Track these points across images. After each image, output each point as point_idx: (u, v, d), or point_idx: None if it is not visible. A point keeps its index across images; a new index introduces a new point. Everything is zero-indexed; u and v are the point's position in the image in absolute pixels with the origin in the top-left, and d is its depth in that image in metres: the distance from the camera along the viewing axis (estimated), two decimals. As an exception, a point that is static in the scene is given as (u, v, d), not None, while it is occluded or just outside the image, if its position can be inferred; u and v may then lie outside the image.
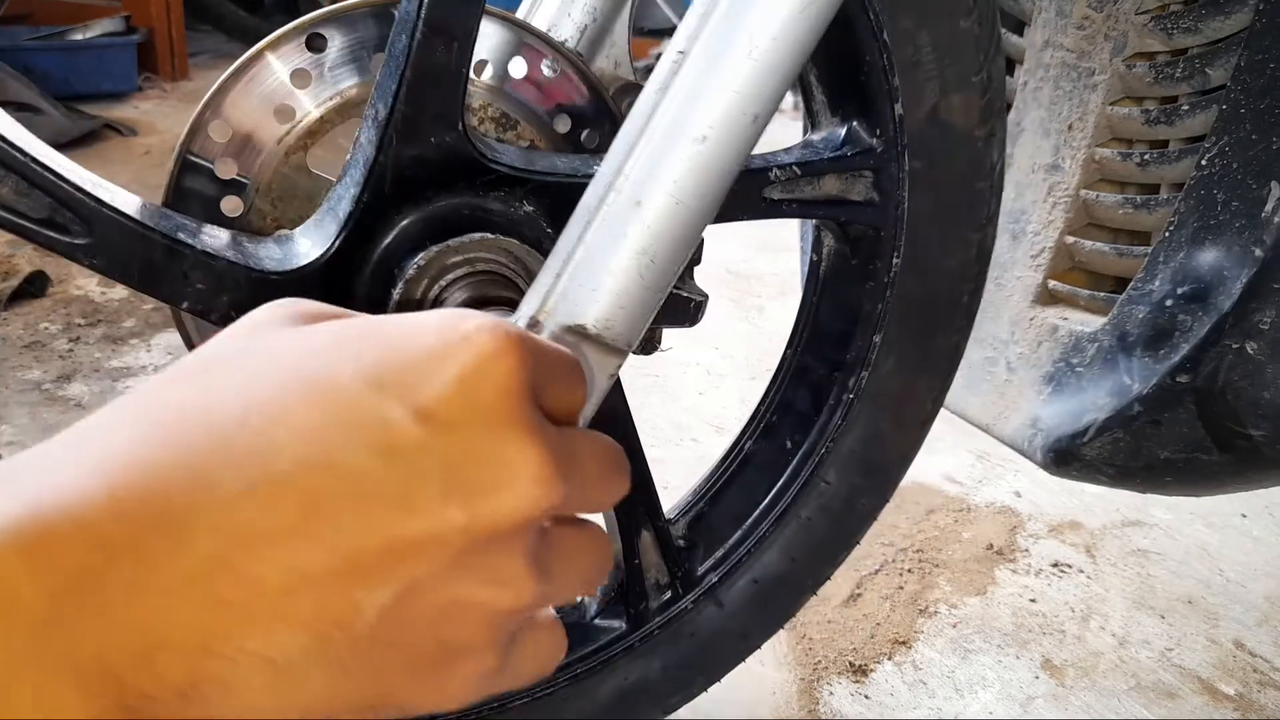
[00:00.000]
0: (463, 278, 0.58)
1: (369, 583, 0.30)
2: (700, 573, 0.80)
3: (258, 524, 0.29)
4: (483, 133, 0.66)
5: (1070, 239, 0.90)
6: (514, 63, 0.67)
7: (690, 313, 0.69)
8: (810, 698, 1.09)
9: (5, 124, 0.52)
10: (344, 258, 0.58)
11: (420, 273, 0.57)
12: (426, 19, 0.54)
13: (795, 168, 0.67)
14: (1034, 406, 0.87)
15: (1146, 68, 0.84)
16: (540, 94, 0.68)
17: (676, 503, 0.83)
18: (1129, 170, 0.86)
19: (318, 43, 0.61)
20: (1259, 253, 0.70)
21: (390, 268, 0.58)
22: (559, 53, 0.68)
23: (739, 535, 0.80)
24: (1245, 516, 1.49)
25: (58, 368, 1.65)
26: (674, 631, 0.79)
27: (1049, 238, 0.91)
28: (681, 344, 1.84)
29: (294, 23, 0.61)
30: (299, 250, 0.59)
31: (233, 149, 0.61)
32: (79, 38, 3.26)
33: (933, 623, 1.22)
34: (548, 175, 0.61)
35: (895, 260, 0.72)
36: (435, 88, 0.56)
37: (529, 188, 0.61)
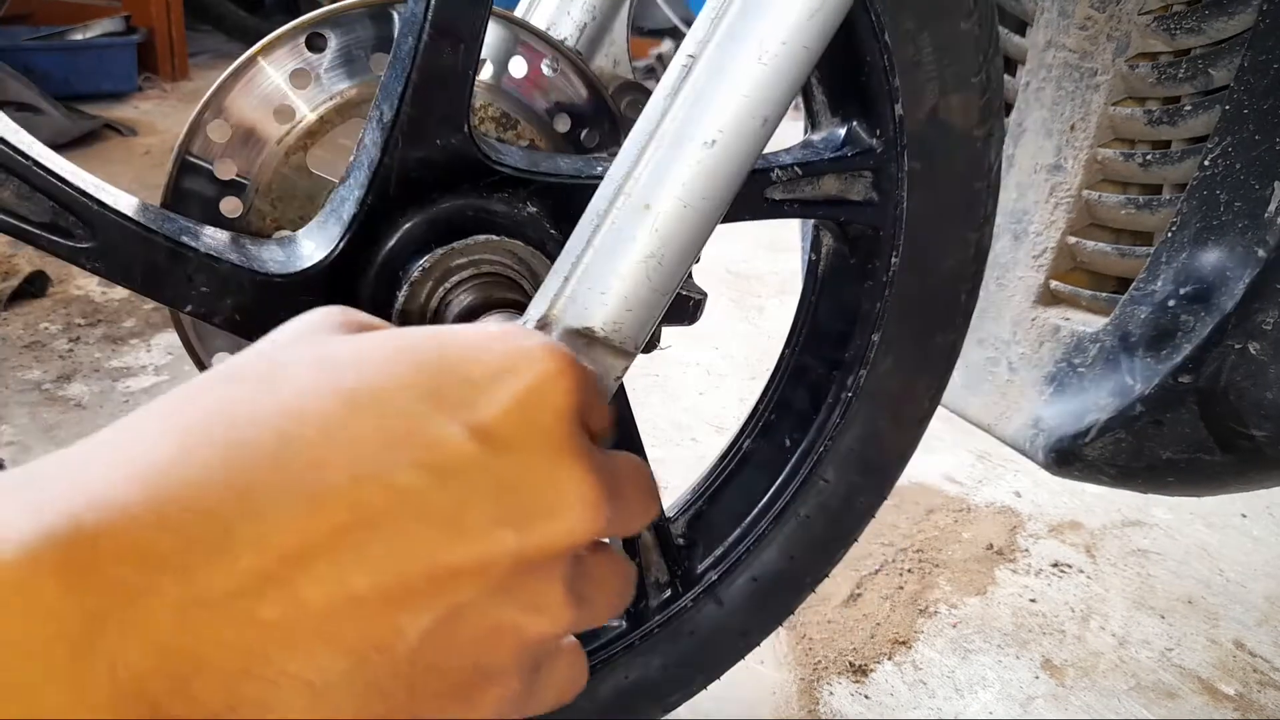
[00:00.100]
0: (467, 280, 0.57)
1: (414, 606, 0.29)
2: (700, 571, 0.80)
3: (304, 540, 0.28)
4: (482, 132, 0.66)
5: (1072, 239, 0.90)
6: (514, 62, 0.67)
7: (689, 311, 0.69)
8: (810, 698, 1.09)
9: (6, 128, 0.52)
10: (348, 260, 0.58)
11: (425, 275, 0.57)
12: (433, 21, 0.54)
13: (796, 168, 0.67)
14: (1036, 407, 0.87)
15: (1149, 68, 0.83)
16: (540, 93, 0.68)
17: (675, 501, 0.84)
18: (1131, 171, 0.86)
19: (317, 43, 0.61)
20: (1262, 253, 0.70)
21: (395, 270, 0.58)
22: (558, 52, 0.68)
23: (738, 533, 0.80)
24: (1245, 516, 1.49)
25: (58, 368, 1.65)
26: (673, 630, 0.80)
27: (1051, 238, 0.91)
28: (681, 344, 1.84)
29: (293, 23, 0.61)
30: (303, 252, 0.59)
31: (232, 149, 0.61)
32: (79, 38, 3.26)
33: (933, 623, 1.22)
34: (551, 176, 0.61)
35: (894, 259, 0.72)
36: (442, 90, 0.56)
37: (533, 189, 0.61)
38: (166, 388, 1.62)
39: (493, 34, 0.66)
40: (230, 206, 0.62)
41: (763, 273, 2.31)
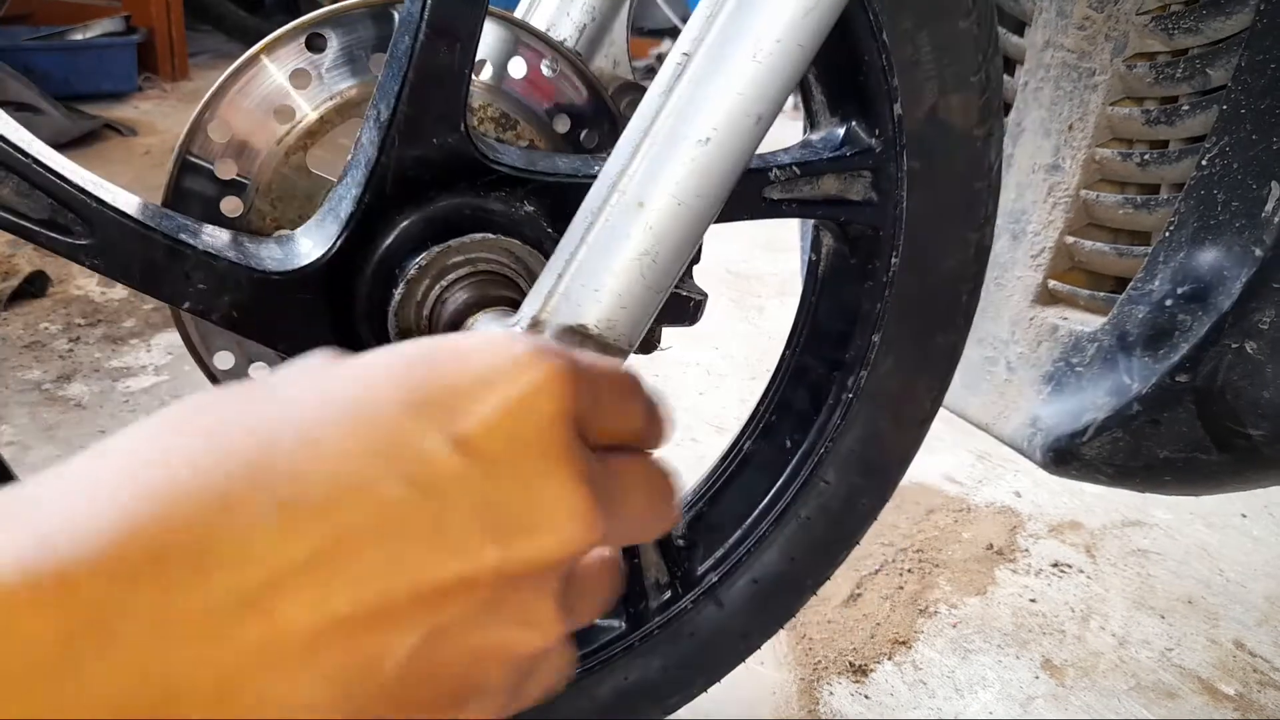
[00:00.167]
0: (464, 278, 0.58)
1: (398, 626, 0.29)
2: (700, 572, 0.80)
3: (286, 558, 0.27)
4: (482, 132, 0.66)
5: (1070, 239, 0.90)
6: (513, 62, 0.67)
7: (690, 312, 0.69)
8: (810, 698, 1.09)
9: (6, 125, 0.52)
10: (345, 258, 0.58)
11: (421, 273, 0.57)
12: (430, 20, 0.54)
13: (794, 167, 0.67)
14: (1034, 406, 0.87)
15: (1147, 68, 0.84)
16: (539, 94, 0.68)
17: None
18: (1129, 170, 0.86)
19: (317, 43, 0.61)
20: (1259, 252, 0.70)
21: (392, 268, 0.58)
22: (558, 52, 0.68)
23: (739, 535, 0.80)
24: (1245, 516, 1.49)
25: (58, 368, 1.65)
26: (673, 631, 0.80)
27: (1049, 238, 0.91)
28: (681, 344, 1.84)
29: (293, 23, 0.61)
30: (300, 250, 0.59)
31: (232, 149, 0.61)
32: (79, 38, 3.26)
33: (933, 623, 1.22)
34: (548, 176, 0.61)
35: (894, 260, 0.72)
36: (438, 89, 0.56)
37: (530, 188, 0.61)
38: (167, 388, 1.62)
39: (492, 35, 0.66)
40: (231, 206, 0.62)
41: (762, 273, 2.31)
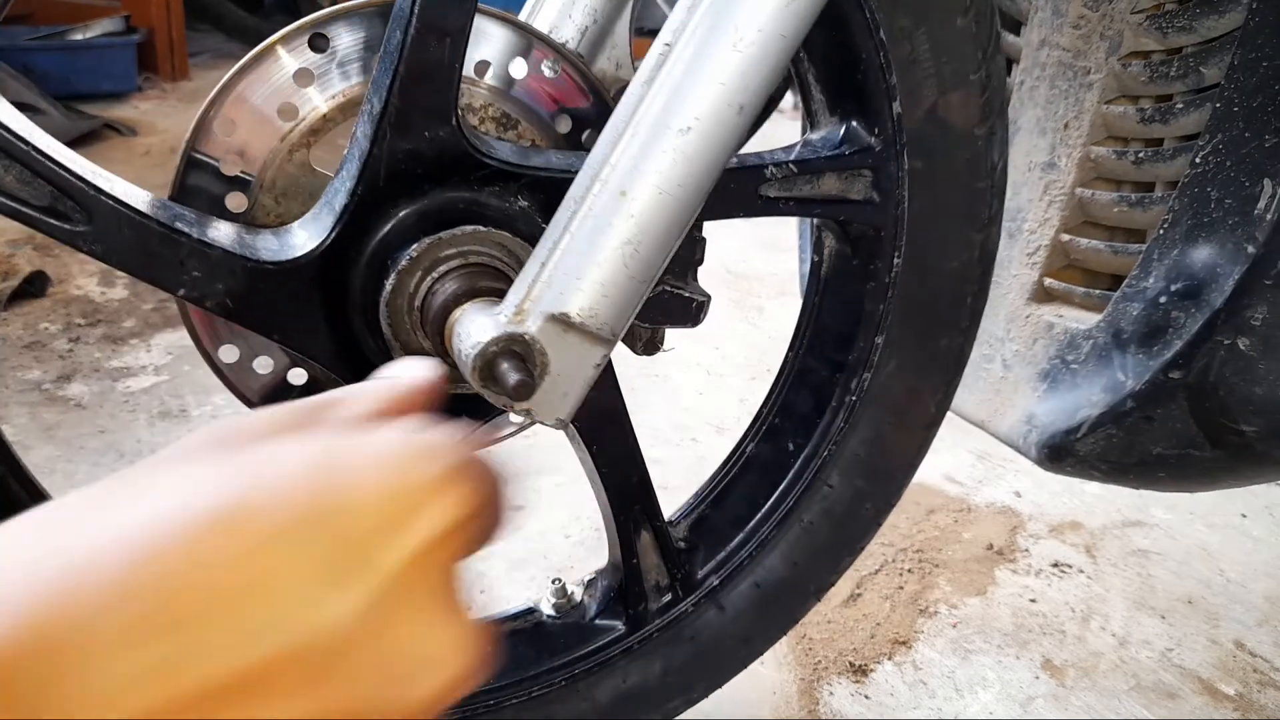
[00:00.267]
0: (455, 270, 0.58)
1: None
2: (701, 575, 0.79)
3: (128, 680, 0.26)
4: (484, 132, 0.67)
5: (1066, 237, 0.90)
6: (515, 64, 0.67)
7: (693, 313, 0.69)
8: (810, 698, 1.09)
9: (9, 115, 0.53)
10: (339, 249, 0.59)
11: (413, 264, 0.58)
12: (420, 15, 0.55)
13: (792, 165, 0.67)
14: (1029, 403, 0.87)
15: (1141, 66, 0.84)
16: (541, 95, 0.69)
17: (680, 505, 0.83)
18: (1124, 168, 0.86)
19: (320, 43, 0.62)
20: (1251, 249, 0.70)
21: (384, 259, 0.59)
22: (560, 54, 0.68)
23: (740, 538, 0.80)
24: (1245, 517, 1.49)
25: (57, 368, 1.65)
26: (674, 634, 0.79)
27: (1045, 235, 0.91)
28: (681, 344, 1.84)
29: (296, 23, 0.62)
30: (295, 242, 0.59)
31: (237, 146, 0.62)
32: (79, 38, 3.27)
33: (933, 623, 1.22)
34: (542, 171, 0.61)
35: (896, 260, 0.72)
36: (428, 82, 0.57)
37: (524, 183, 0.61)
38: (166, 388, 1.63)
39: (495, 37, 0.67)
40: (236, 202, 0.63)
41: (763, 273, 2.31)
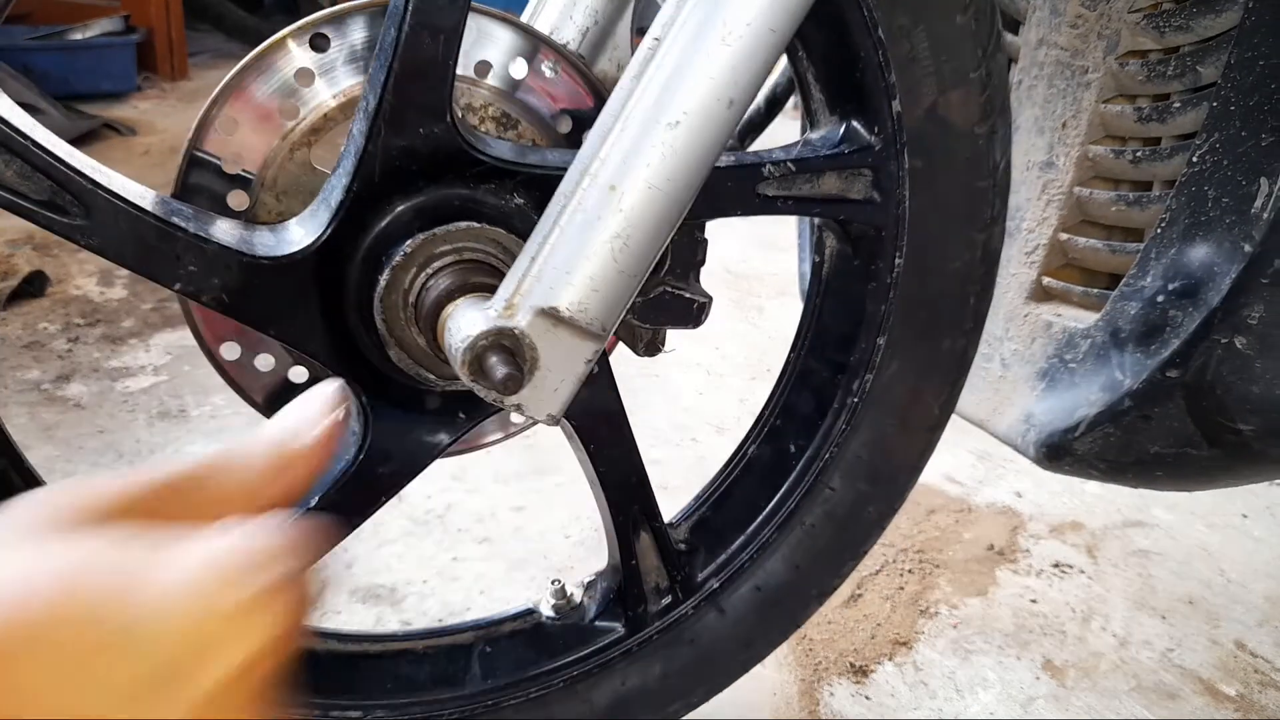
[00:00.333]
0: (449, 265, 0.58)
1: None
2: (701, 578, 0.79)
3: None
4: (484, 131, 0.67)
5: (1064, 236, 0.90)
6: (515, 65, 0.67)
7: (694, 314, 0.69)
8: (811, 699, 1.08)
9: (10, 111, 0.53)
10: (335, 245, 0.59)
11: (408, 260, 0.58)
12: (414, 12, 0.55)
13: (790, 164, 0.67)
14: (1028, 402, 0.87)
15: (1139, 66, 0.84)
16: (542, 95, 0.69)
17: (681, 507, 0.83)
18: (1122, 167, 0.86)
19: (321, 42, 0.62)
20: (1248, 248, 0.69)
21: (379, 255, 0.59)
22: (560, 55, 0.68)
23: (741, 541, 0.79)
24: (1246, 517, 1.49)
25: (57, 368, 1.65)
26: (673, 637, 0.79)
27: (1043, 234, 0.91)
28: (682, 345, 1.84)
29: (297, 23, 0.62)
30: (292, 238, 0.60)
31: (238, 145, 0.62)
32: (78, 37, 3.27)
33: (933, 623, 1.21)
34: (537, 168, 0.61)
35: (897, 260, 0.71)
36: (423, 79, 0.57)
37: (519, 180, 0.61)
38: (165, 388, 1.62)
39: (496, 37, 0.67)
40: (237, 200, 0.63)
41: (763, 273, 2.31)
